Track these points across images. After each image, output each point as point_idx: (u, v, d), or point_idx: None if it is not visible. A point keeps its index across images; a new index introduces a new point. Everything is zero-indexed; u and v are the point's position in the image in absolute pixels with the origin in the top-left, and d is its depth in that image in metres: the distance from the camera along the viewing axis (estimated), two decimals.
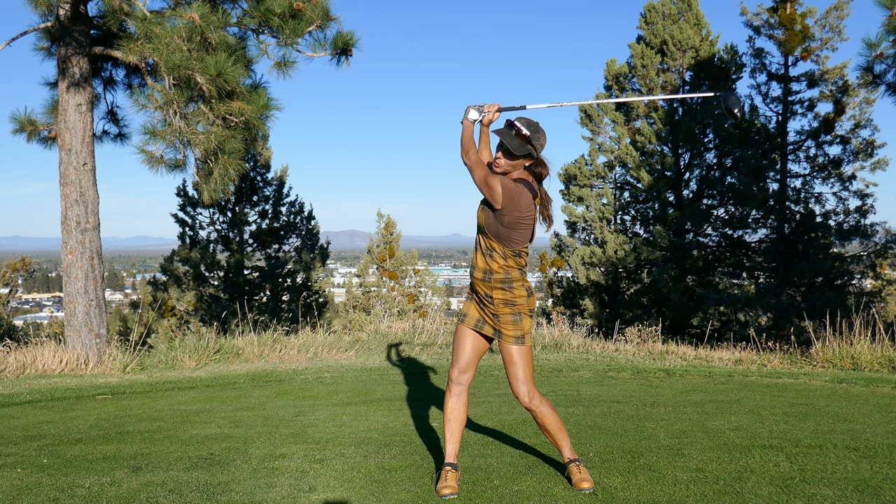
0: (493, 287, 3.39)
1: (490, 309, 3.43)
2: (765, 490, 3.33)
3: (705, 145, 18.34)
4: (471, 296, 3.55)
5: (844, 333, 7.85)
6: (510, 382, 3.42)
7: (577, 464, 3.45)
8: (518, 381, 3.39)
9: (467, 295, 3.60)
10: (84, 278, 8.34)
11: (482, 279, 3.41)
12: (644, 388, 6.34)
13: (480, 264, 3.41)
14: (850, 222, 17.69)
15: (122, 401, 6.13)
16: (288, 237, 19.17)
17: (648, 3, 18.71)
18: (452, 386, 3.49)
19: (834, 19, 17.38)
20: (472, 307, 3.52)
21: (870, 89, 16.30)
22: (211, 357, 8.60)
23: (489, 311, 3.44)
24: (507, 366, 3.42)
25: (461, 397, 3.48)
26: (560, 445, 3.49)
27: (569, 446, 3.50)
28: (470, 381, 3.51)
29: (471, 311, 3.52)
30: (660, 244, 17.44)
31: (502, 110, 3.46)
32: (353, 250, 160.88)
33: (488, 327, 3.47)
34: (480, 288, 3.43)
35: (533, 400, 3.41)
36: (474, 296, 3.50)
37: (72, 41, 8.25)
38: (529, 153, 3.31)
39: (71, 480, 3.66)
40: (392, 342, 9.32)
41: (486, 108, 3.42)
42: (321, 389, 6.54)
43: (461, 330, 3.52)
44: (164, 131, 7.93)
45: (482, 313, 3.48)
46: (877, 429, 4.52)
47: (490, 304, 3.42)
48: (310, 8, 8.05)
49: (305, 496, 3.38)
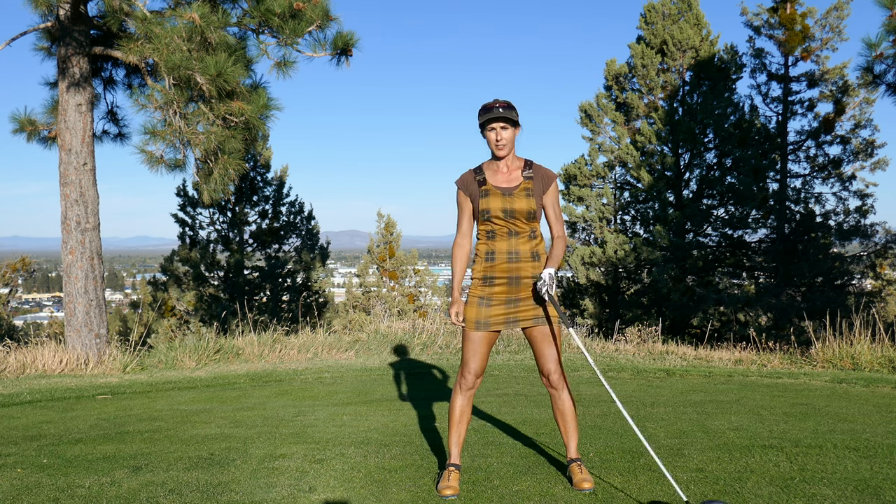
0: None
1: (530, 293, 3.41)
2: (765, 490, 3.33)
3: (705, 145, 18.33)
4: (489, 297, 3.44)
5: (844, 333, 7.85)
6: (546, 363, 3.43)
7: (578, 464, 3.45)
8: (555, 361, 3.44)
9: (481, 299, 3.45)
10: (84, 278, 8.34)
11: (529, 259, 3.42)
12: (644, 388, 6.34)
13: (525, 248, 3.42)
14: (850, 222, 17.69)
15: (122, 401, 6.13)
16: (288, 237, 19.17)
17: (648, 3, 18.71)
18: (465, 391, 3.48)
19: (834, 19, 17.39)
20: (494, 307, 3.42)
21: (870, 89, 16.30)
22: (211, 357, 8.60)
23: (524, 297, 3.40)
24: (547, 346, 3.42)
25: (470, 400, 3.51)
26: (568, 439, 3.51)
27: (576, 445, 3.52)
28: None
29: (494, 311, 3.42)
30: (660, 244, 17.44)
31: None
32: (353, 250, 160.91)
33: (525, 316, 3.41)
34: (525, 272, 3.40)
35: (562, 379, 3.48)
36: (506, 288, 3.42)
37: (72, 41, 8.25)
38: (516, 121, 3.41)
39: (71, 480, 3.66)
40: (392, 342, 9.32)
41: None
42: (321, 389, 6.54)
43: (479, 335, 3.43)
44: (164, 131, 7.93)
45: (514, 307, 3.41)
46: (877, 429, 4.52)
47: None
48: (310, 8, 8.05)
49: (305, 496, 3.37)
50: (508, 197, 3.40)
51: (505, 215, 3.39)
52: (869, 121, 17.68)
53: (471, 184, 3.47)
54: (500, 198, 3.40)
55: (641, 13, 18.92)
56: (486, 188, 3.42)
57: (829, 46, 17.57)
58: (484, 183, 3.44)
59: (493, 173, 3.47)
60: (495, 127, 3.37)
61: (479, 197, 3.44)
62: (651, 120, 18.63)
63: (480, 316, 3.43)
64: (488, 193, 3.41)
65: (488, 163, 3.51)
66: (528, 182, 3.43)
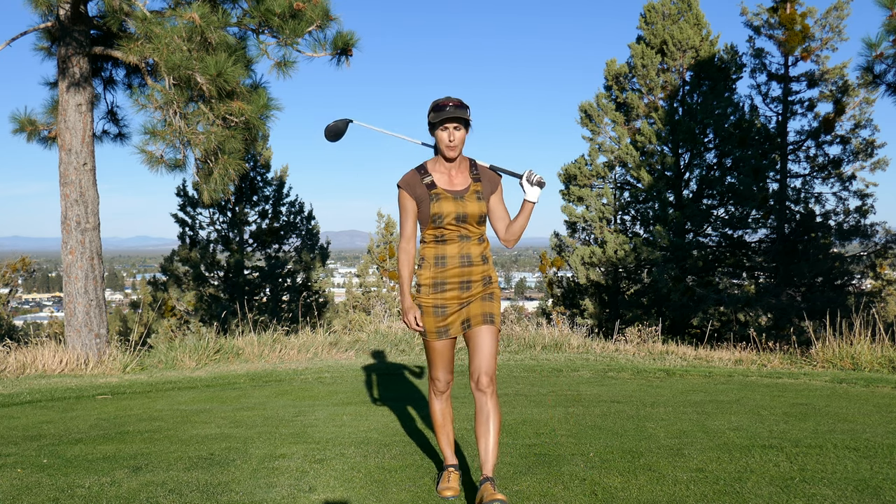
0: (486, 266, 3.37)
1: (482, 292, 3.30)
2: (765, 490, 3.33)
3: (705, 145, 18.34)
4: (443, 305, 3.29)
5: (844, 333, 7.85)
6: (483, 363, 3.20)
7: (492, 482, 3.07)
8: (491, 362, 3.22)
9: (435, 307, 3.29)
10: (84, 278, 8.34)
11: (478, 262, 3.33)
12: (644, 388, 6.34)
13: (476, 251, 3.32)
14: (850, 222, 17.69)
15: (122, 401, 6.13)
16: (288, 237, 19.17)
17: (648, 3, 18.71)
18: (439, 395, 3.43)
19: (834, 19, 17.39)
20: (451, 316, 3.29)
21: (870, 89, 16.31)
22: (211, 357, 8.60)
23: (474, 296, 3.28)
24: (487, 345, 3.23)
25: (448, 401, 3.47)
26: (487, 454, 3.14)
27: (493, 462, 3.14)
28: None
29: (451, 320, 3.30)
30: (660, 244, 17.44)
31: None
32: (353, 250, 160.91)
33: (475, 312, 3.27)
34: (472, 274, 3.30)
35: (493, 384, 3.23)
36: (458, 293, 3.28)
37: (72, 41, 8.25)
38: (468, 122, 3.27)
39: (71, 480, 3.66)
40: (392, 342, 9.32)
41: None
42: (321, 389, 6.54)
43: (442, 343, 3.33)
44: (164, 131, 7.93)
45: (466, 309, 3.29)
46: (877, 429, 4.52)
47: (488, 285, 3.32)
48: (310, 8, 8.05)
49: (305, 496, 3.37)
50: (460, 201, 3.24)
51: (457, 220, 3.24)
52: (869, 121, 17.69)
53: (417, 186, 3.28)
54: (451, 202, 3.23)
55: (641, 13, 18.92)
56: (437, 192, 3.25)
57: (829, 46, 17.57)
58: (433, 186, 3.26)
59: (441, 175, 3.30)
60: (448, 127, 3.20)
61: (430, 200, 3.25)
62: (651, 120, 18.63)
63: (439, 325, 3.29)
64: (439, 197, 3.24)
65: (434, 163, 3.33)
66: (476, 184, 3.30)
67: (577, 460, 3.85)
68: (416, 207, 3.30)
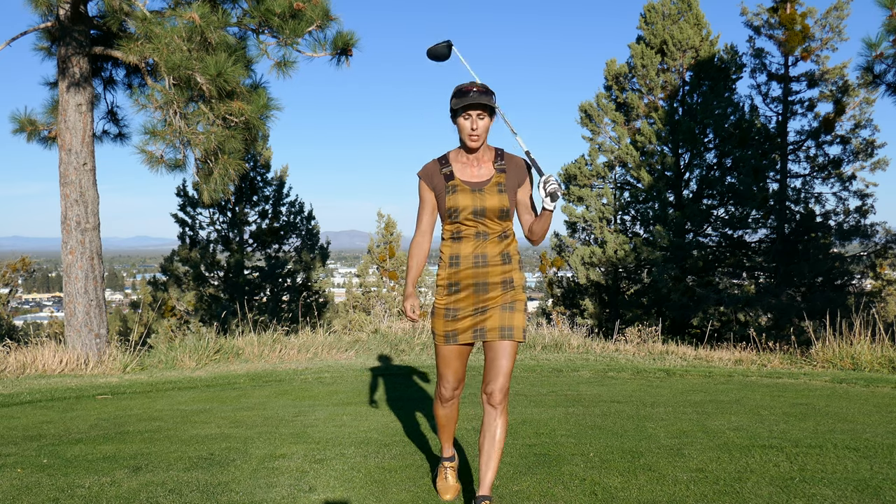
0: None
1: (500, 299, 3.07)
2: (765, 490, 3.33)
3: (705, 145, 18.34)
4: (454, 308, 3.09)
5: (844, 333, 7.85)
6: (497, 378, 3.02)
7: (489, 502, 3.01)
8: (506, 378, 3.04)
9: (447, 310, 3.11)
10: (84, 278, 8.34)
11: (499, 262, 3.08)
12: (644, 388, 6.34)
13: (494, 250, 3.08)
14: (850, 222, 17.69)
15: (122, 401, 6.13)
16: (288, 237, 19.18)
17: (648, 3, 18.71)
18: (444, 403, 3.26)
19: (834, 19, 17.39)
20: (462, 320, 3.09)
21: (870, 89, 16.30)
22: (211, 357, 8.60)
23: (492, 302, 3.06)
24: (503, 360, 3.03)
25: (454, 407, 3.32)
26: (486, 470, 3.03)
27: (491, 480, 3.04)
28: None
29: (462, 325, 3.09)
30: (660, 244, 17.44)
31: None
32: (353, 250, 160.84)
33: (492, 325, 3.05)
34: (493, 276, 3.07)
35: (505, 400, 3.06)
36: (472, 297, 3.08)
37: (72, 41, 8.25)
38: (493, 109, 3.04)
39: (71, 480, 3.66)
40: (392, 342, 9.32)
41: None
42: (321, 389, 6.54)
43: (450, 349, 3.12)
44: (164, 131, 7.93)
45: (481, 317, 3.08)
46: (877, 429, 4.52)
47: (510, 290, 3.08)
48: (310, 8, 8.05)
49: (305, 496, 3.37)
50: (479, 193, 3.01)
51: (475, 215, 3.02)
52: (869, 121, 17.69)
53: (436, 176, 3.08)
54: (469, 195, 3.02)
55: (641, 13, 18.93)
56: (454, 183, 3.04)
57: (829, 46, 17.58)
58: (451, 177, 3.05)
59: (462, 166, 3.08)
60: (471, 114, 2.97)
61: (446, 193, 3.05)
62: (651, 120, 18.63)
63: (448, 328, 3.09)
64: (456, 189, 3.03)
65: (456, 153, 3.12)
66: (500, 175, 3.06)
67: (577, 460, 3.85)
68: (434, 200, 3.12)
